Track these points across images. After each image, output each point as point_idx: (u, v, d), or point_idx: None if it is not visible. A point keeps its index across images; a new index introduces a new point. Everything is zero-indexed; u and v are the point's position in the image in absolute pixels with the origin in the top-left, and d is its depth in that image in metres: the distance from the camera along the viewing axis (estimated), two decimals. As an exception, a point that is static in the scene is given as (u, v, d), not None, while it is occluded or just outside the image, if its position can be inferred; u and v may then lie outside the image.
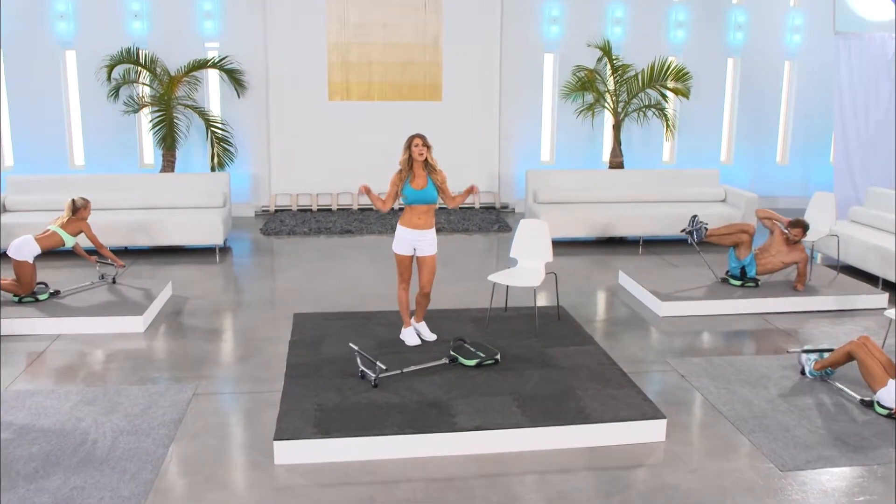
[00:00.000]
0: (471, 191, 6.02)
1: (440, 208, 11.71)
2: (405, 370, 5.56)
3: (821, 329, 7.04)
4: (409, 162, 5.88)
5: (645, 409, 5.00)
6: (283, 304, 7.81)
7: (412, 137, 5.86)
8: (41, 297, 7.23)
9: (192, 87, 11.40)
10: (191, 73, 11.22)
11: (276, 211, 12.21)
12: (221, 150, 11.47)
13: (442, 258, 9.53)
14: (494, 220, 11.60)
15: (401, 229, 6.00)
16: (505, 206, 12.66)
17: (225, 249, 10.06)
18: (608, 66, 11.70)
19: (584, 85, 11.65)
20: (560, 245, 10.10)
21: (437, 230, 10.95)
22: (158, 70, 11.09)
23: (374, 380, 5.37)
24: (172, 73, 11.15)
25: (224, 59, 11.43)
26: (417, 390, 5.29)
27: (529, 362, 5.82)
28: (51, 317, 6.84)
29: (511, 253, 6.92)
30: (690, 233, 7.97)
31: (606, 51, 11.58)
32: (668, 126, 11.87)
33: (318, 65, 11.91)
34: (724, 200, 10.80)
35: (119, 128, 11.56)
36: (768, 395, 5.49)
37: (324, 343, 6.24)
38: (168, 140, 10.99)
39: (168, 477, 4.44)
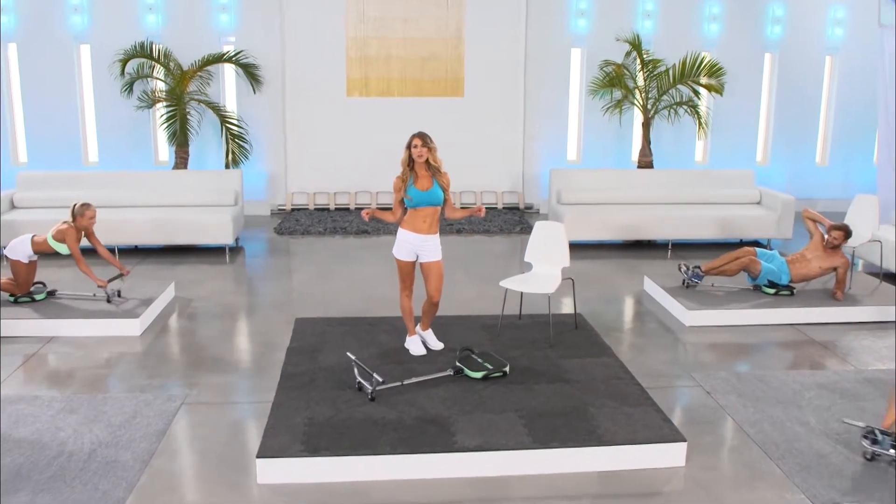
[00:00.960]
0: (477, 211, 5.69)
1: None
2: (405, 382, 5.22)
3: (861, 342, 6.55)
4: (411, 162, 5.56)
5: (664, 431, 4.60)
6: (289, 307, 7.53)
7: (412, 137, 5.54)
8: (38, 297, 7.01)
9: (205, 82, 11.18)
10: (205, 68, 10.99)
11: (293, 210, 11.96)
12: (236, 146, 11.25)
13: (458, 260, 9.28)
14: (517, 221, 11.22)
15: (403, 233, 5.66)
16: (529, 207, 12.28)
17: (237, 249, 9.84)
18: (637, 62, 11.24)
19: (612, 81, 11.21)
20: (584, 248, 9.75)
21: (457, 231, 10.79)
22: (172, 65, 10.88)
23: (371, 393, 5.04)
24: (186, 68, 10.92)
25: (239, 53, 11.21)
26: (417, 405, 4.95)
27: (541, 375, 5.44)
28: (45, 318, 6.62)
29: (525, 257, 6.55)
30: (689, 282, 7.49)
31: (636, 45, 11.13)
32: (700, 124, 11.38)
33: (336, 60, 11.66)
34: (759, 203, 10.30)
35: (134, 124, 11.40)
36: (802, 417, 5.05)
37: (323, 351, 5.93)
38: (180, 136, 10.78)
39: (141, 496, 4.14)
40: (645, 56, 11.18)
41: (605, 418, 4.75)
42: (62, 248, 7.11)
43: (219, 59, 11.09)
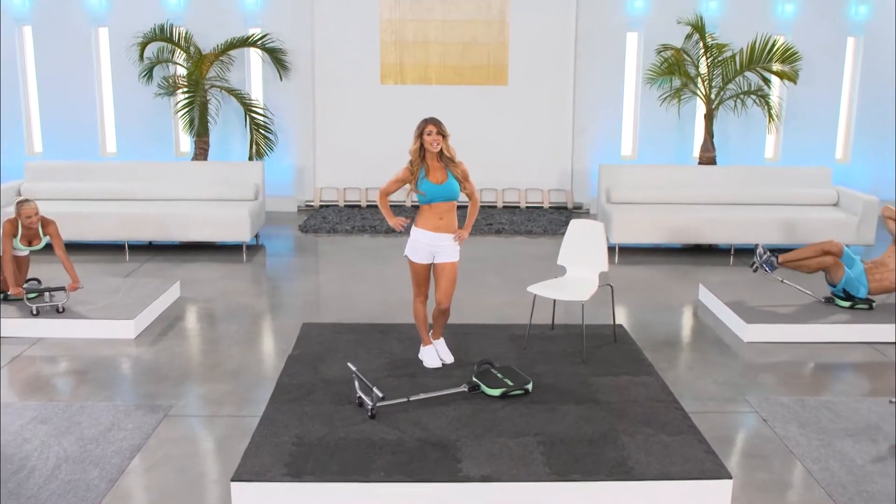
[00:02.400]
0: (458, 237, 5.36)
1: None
2: (411, 398, 4.87)
3: (952, 366, 5.96)
4: (422, 152, 5.26)
5: (706, 465, 4.14)
6: (302, 310, 7.28)
7: (425, 123, 5.23)
8: (30, 296, 6.85)
9: (226, 67, 11.03)
10: (227, 53, 10.85)
11: (321, 206, 11.75)
12: (261, 137, 11.08)
13: (494, 262, 8.93)
14: (564, 221, 10.77)
15: (417, 232, 5.33)
16: (578, 207, 11.84)
17: (256, 247, 9.65)
18: (700, 46, 10.71)
19: (671, 68, 10.69)
20: (634, 252, 9.33)
21: (497, 231, 10.43)
22: (192, 49, 10.76)
23: (372, 409, 4.70)
24: (207, 52, 10.78)
25: (265, 36, 11.03)
26: (423, 425, 4.59)
27: (568, 395, 5.03)
28: (34, 317, 6.45)
29: (559, 260, 6.14)
30: (759, 267, 7.00)
31: (699, 28, 10.60)
32: (770, 116, 10.78)
33: (369, 44, 11.42)
34: (836, 204, 9.66)
35: (154, 112, 11.33)
36: (877, 452, 4.53)
37: (326, 360, 5.62)
38: (200, 126, 10.64)
39: (99, 521, 3.87)
40: (709, 40, 10.63)
41: (637, 448, 4.32)
42: (21, 250, 6.85)
43: (243, 43, 10.94)
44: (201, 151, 10.87)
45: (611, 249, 9.29)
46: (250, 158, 11.08)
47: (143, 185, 9.68)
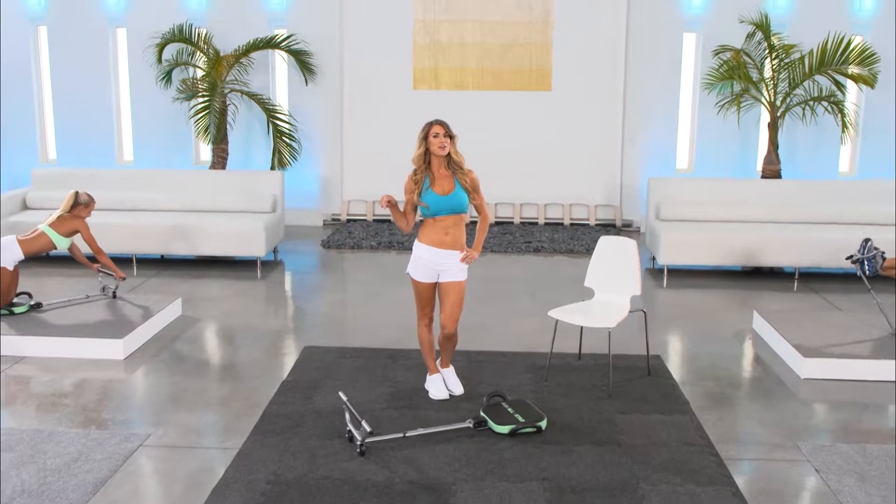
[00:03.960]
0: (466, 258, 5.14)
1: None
2: (408, 434, 4.62)
3: None
4: (426, 158, 5.06)
5: (738, 522, 3.79)
6: (308, 332, 7.11)
7: (430, 125, 5.05)
8: (17, 310, 6.81)
9: (244, 70, 10.99)
10: (249, 55, 10.81)
11: (348, 220, 11.62)
12: (284, 145, 11.00)
13: (527, 284, 8.70)
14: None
15: (420, 248, 5.12)
16: (628, 225, 11.49)
17: (273, 263, 9.54)
18: (765, 47, 10.31)
19: (732, 71, 10.30)
20: (687, 275, 8.97)
21: (535, 250, 10.14)
22: (212, 52, 10.76)
23: (361, 445, 4.45)
24: (225, 54, 10.77)
25: (289, 38, 10.97)
26: (417, 464, 4.34)
27: (586, 434, 4.72)
28: (20, 334, 6.38)
29: (586, 281, 5.83)
30: (860, 262, 6.57)
31: (764, 27, 10.21)
32: (844, 125, 10.30)
33: (401, 47, 11.30)
34: (919, 224, 9.15)
35: (173, 118, 11.34)
36: (946, 512, 4.10)
37: (322, 388, 5.42)
38: (218, 132, 10.59)
39: (42, 564, 3.68)
40: (775, 40, 10.22)
41: (659, 499, 3.98)
42: (64, 244, 7.03)
43: (266, 44, 10.89)
44: (219, 160, 10.83)
45: (658, 272, 8.98)
46: (272, 168, 11.00)
47: (154, 195, 9.68)
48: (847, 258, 6.72)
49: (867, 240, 6.69)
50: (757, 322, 7.05)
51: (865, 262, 6.54)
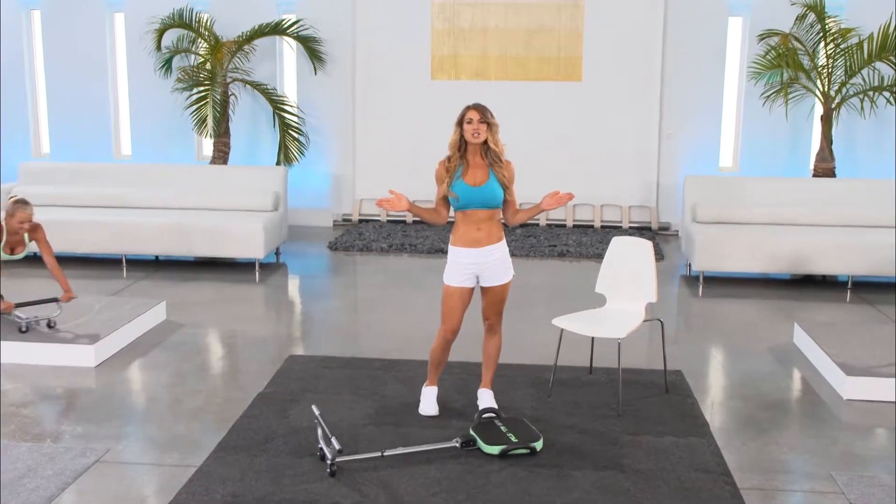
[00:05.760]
0: (560, 200, 5.12)
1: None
2: (387, 453, 4.46)
3: None
4: (462, 146, 4.96)
5: (749, 561, 3.55)
6: (300, 340, 7.05)
7: (466, 110, 4.96)
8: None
9: (251, 59, 10.96)
10: (252, 41, 10.76)
11: (361, 221, 11.53)
12: (291, 140, 10.94)
13: (546, 292, 8.51)
14: (644, 244, 10.22)
15: (456, 252, 4.97)
16: (665, 228, 11.26)
17: (274, 266, 9.47)
18: (819, 31, 10.03)
19: (780, 58, 10.03)
20: (726, 283, 8.76)
21: (560, 254, 9.95)
22: (212, 38, 10.75)
23: (332, 464, 4.30)
24: (226, 40, 10.74)
25: (297, 23, 10.92)
26: (392, 488, 4.18)
27: (586, 458, 4.53)
28: (22, 335, 6.38)
29: (597, 287, 5.64)
30: None
31: (817, 9, 9.94)
32: (907, 118, 10.00)
33: (419, 33, 11.23)
34: None
35: (173, 110, 11.34)
36: None
37: (301, 401, 5.29)
38: (218, 125, 10.55)
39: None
40: (829, 24, 9.93)
41: (660, 532, 3.76)
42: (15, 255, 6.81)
43: (272, 30, 10.86)
44: (220, 154, 10.82)
45: (694, 279, 8.74)
46: (278, 164, 10.95)
47: (146, 192, 9.68)
48: None
49: None
50: (798, 336, 6.78)
51: None
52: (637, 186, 11.28)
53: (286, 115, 11.01)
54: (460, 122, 4.94)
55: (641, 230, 11.10)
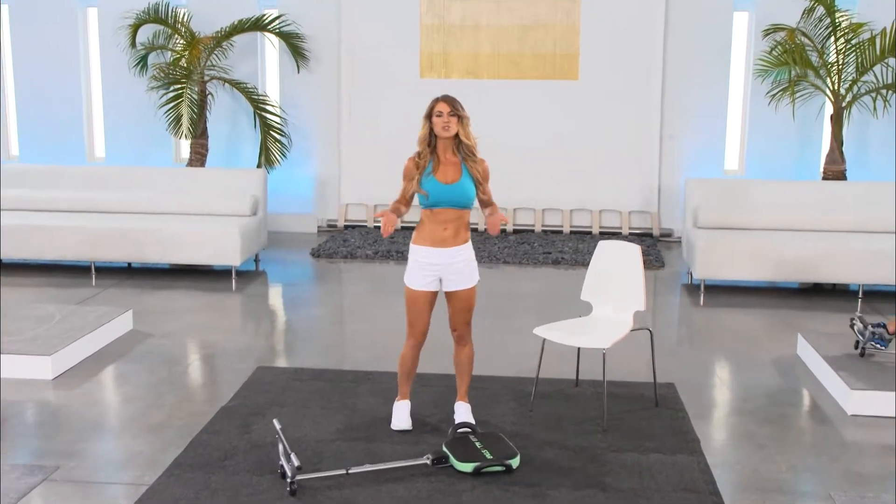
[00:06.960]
0: (493, 222, 4.91)
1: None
2: (352, 470, 4.39)
3: None
4: (432, 140, 4.92)
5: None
6: (272, 352, 6.99)
7: (435, 102, 4.93)
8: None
9: (230, 56, 10.92)
10: (230, 38, 10.72)
11: (346, 227, 11.47)
12: (273, 141, 10.88)
13: (538, 301, 8.53)
14: (645, 251, 10.10)
15: (416, 251, 4.93)
16: (667, 234, 11.18)
17: (253, 274, 9.42)
18: (827, 25, 9.98)
19: (787, 54, 9.97)
20: (729, 292, 8.70)
21: (555, 262, 9.88)
22: (188, 34, 10.71)
23: (292, 482, 4.22)
24: (202, 36, 10.70)
25: (278, 18, 10.88)
26: (356, 508, 4.07)
27: (565, 476, 4.47)
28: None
29: (582, 294, 5.56)
30: (865, 345, 6.27)
31: (826, 2, 9.89)
32: (924, 118, 9.94)
33: (407, 30, 11.18)
34: None
35: (150, 110, 11.26)
36: None
37: (266, 415, 5.21)
38: (194, 126, 10.47)
39: None
40: (839, 18, 9.88)
41: (640, 556, 3.67)
42: None
43: (252, 25, 10.81)
44: (198, 157, 10.75)
45: (695, 288, 8.66)
46: (259, 166, 10.88)
47: (118, 195, 9.60)
48: (856, 351, 6.34)
49: (853, 320, 6.44)
50: (802, 347, 6.71)
51: (875, 343, 6.24)
52: (637, 191, 11.21)
53: (267, 116, 10.94)
54: (429, 116, 4.91)
55: (642, 236, 11.03)
